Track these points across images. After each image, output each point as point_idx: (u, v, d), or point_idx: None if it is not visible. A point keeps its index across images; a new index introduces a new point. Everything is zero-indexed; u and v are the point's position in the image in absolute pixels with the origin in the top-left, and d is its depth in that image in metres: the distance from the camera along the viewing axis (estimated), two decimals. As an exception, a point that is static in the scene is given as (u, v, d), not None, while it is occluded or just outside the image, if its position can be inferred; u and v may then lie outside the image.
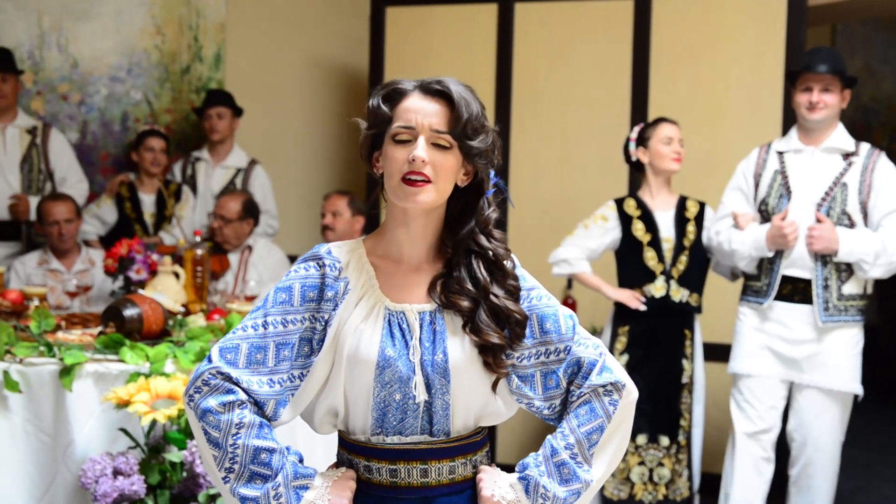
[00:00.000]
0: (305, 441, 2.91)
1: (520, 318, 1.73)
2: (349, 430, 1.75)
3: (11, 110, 4.77)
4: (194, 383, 1.68)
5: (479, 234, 1.75)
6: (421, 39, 5.10)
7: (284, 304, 1.72)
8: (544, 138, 4.94)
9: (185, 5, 5.41)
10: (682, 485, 3.97)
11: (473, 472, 1.77)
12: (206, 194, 5.15)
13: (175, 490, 2.90)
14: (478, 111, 1.71)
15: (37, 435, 2.97)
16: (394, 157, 1.69)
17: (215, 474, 1.68)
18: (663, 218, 4.00)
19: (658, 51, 4.76)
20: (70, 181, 4.88)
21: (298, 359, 1.71)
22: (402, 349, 1.70)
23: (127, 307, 3.22)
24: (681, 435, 3.97)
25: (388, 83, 1.74)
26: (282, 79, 5.65)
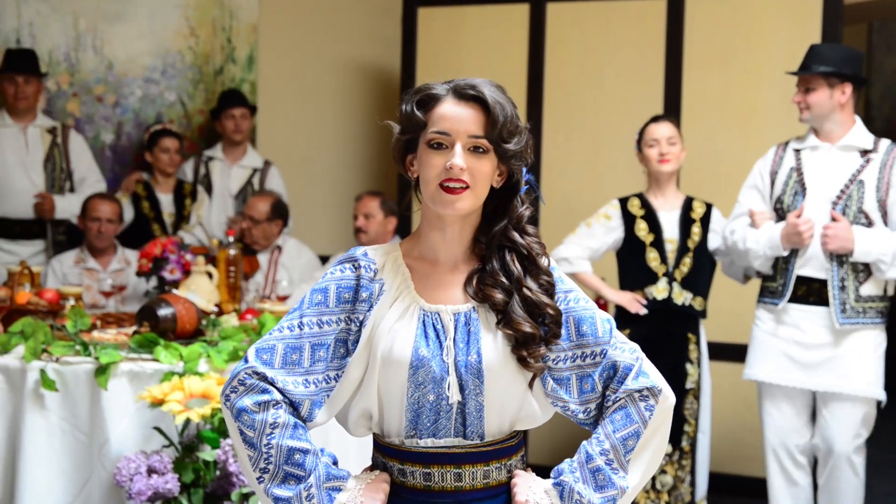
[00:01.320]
0: (338, 444, 2.91)
1: (553, 312, 1.72)
2: (384, 433, 1.75)
3: (32, 111, 4.82)
4: (230, 383, 1.70)
5: (512, 231, 1.76)
6: (452, 40, 5.10)
7: (320, 305, 1.73)
8: (576, 138, 4.92)
9: (219, 7, 5.45)
10: (684, 491, 3.90)
11: (508, 476, 1.76)
12: (224, 194, 5.18)
13: (208, 489, 2.93)
14: (512, 113, 1.71)
15: (73, 433, 3.01)
16: (431, 164, 1.69)
17: (250, 475, 1.69)
18: (667, 218, 3.93)
19: (691, 51, 4.73)
20: (89, 181, 4.92)
21: (334, 360, 1.72)
22: (436, 349, 1.70)
23: (161, 307, 3.25)
24: (684, 441, 3.89)
25: (421, 88, 1.74)
26: (314, 80, 5.68)
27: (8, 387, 3.02)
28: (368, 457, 1.84)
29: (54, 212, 4.75)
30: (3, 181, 4.73)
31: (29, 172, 4.78)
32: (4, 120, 4.77)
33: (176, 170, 5.04)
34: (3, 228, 4.74)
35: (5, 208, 4.74)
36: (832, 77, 3.62)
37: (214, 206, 5.14)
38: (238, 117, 5.14)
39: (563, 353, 1.74)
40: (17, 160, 4.75)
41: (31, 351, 3.01)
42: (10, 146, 4.75)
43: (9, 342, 3.10)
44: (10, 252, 4.69)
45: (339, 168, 5.77)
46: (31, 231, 4.79)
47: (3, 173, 4.73)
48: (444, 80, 1.75)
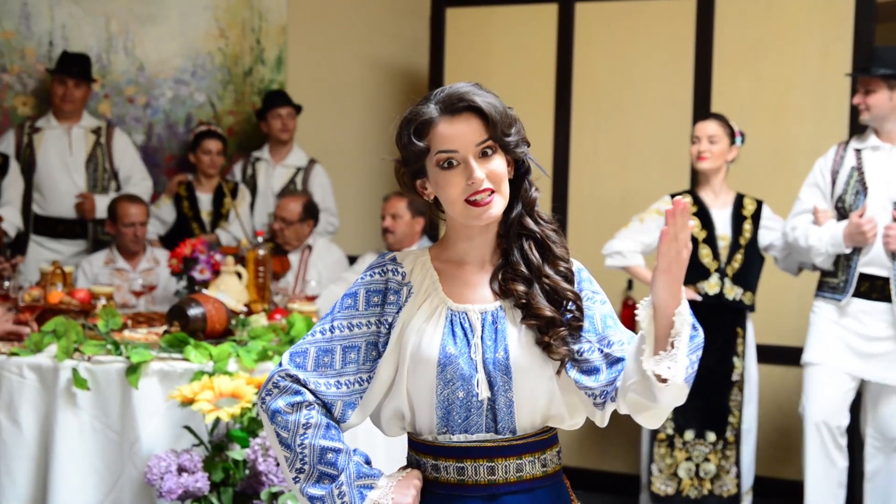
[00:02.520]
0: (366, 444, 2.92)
1: (573, 297, 1.75)
2: (417, 431, 1.78)
3: (78, 113, 4.88)
4: (265, 386, 1.75)
5: (526, 217, 1.78)
6: (481, 40, 5.09)
7: (350, 308, 1.77)
8: (605, 138, 4.90)
9: (248, 8, 5.48)
10: (728, 481, 3.97)
11: (542, 470, 1.77)
12: (267, 193, 5.20)
13: (238, 487, 2.94)
14: (501, 106, 1.74)
15: (104, 431, 3.03)
16: (450, 183, 1.72)
17: (288, 475, 1.73)
18: (720, 215, 4.01)
19: (721, 49, 4.69)
20: (134, 179, 4.97)
21: (366, 362, 1.75)
22: (464, 347, 1.72)
23: (191, 307, 3.27)
24: (728, 432, 3.97)
25: (411, 118, 1.75)
26: (342, 80, 5.69)
27: (41, 385, 3.06)
28: (396, 456, 1.86)
29: (95, 211, 4.81)
30: (47, 182, 4.80)
31: (71, 173, 4.84)
32: (50, 122, 4.84)
33: (217, 171, 5.08)
34: (47, 228, 4.81)
35: (49, 208, 4.81)
36: (892, 79, 3.70)
37: (258, 206, 5.17)
38: (285, 116, 5.17)
39: (588, 345, 1.75)
40: (60, 161, 4.82)
41: (64, 350, 3.04)
42: (54, 147, 4.81)
43: (41, 341, 3.14)
44: (54, 251, 4.77)
45: (367, 168, 5.78)
46: (74, 230, 4.86)
47: (47, 174, 4.80)
48: (423, 99, 1.76)
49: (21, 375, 3.06)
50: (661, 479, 3.99)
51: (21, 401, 3.04)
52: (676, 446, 3.99)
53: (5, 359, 3.09)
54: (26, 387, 3.05)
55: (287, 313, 3.66)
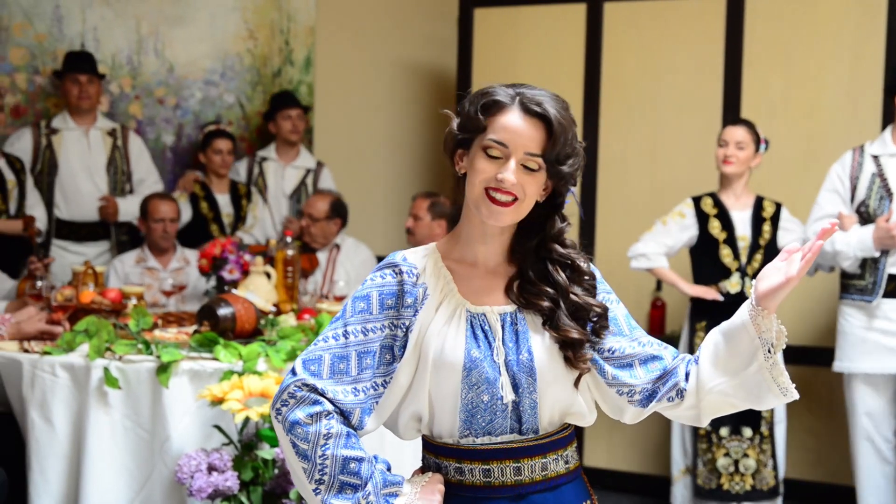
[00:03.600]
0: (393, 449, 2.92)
1: (600, 310, 1.75)
2: (434, 435, 1.76)
3: (93, 113, 4.90)
4: (280, 397, 1.69)
5: (551, 244, 1.77)
6: (509, 40, 5.09)
7: (363, 312, 1.73)
8: (633, 139, 4.88)
9: (277, 10, 5.50)
10: (767, 474, 4.07)
11: (565, 467, 1.78)
12: (278, 195, 5.22)
13: (267, 486, 2.95)
14: (572, 134, 1.71)
15: (135, 430, 3.06)
16: (482, 169, 1.70)
17: (305, 487, 1.68)
18: (740, 217, 4.12)
19: (751, 49, 4.66)
20: (148, 182, 5.00)
21: (380, 366, 1.72)
22: (487, 350, 1.71)
23: (221, 306, 3.28)
24: (763, 426, 4.07)
25: (487, 91, 1.73)
26: (370, 81, 5.71)
27: (73, 384, 3.08)
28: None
29: (118, 214, 4.84)
30: (69, 185, 4.83)
31: (93, 175, 4.88)
32: (67, 123, 4.86)
33: (228, 170, 5.09)
34: (70, 231, 4.84)
35: (72, 211, 4.84)
36: None
37: (269, 207, 5.19)
38: (295, 118, 5.19)
39: (619, 344, 1.77)
40: (81, 164, 4.85)
41: (95, 349, 3.07)
42: (74, 149, 4.84)
43: (74, 341, 3.16)
44: (77, 253, 4.79)
45: (396, 169, 5.79)
46: (96, 233, 4.89)
47: (69, 177, 4.83)
48: (508, 84, 1.74)
49: (54, 374, 3.09)
50: (704, 474, 4.10)
51: (54, 399, 3.07)
52: (714, 442, 4.09)
53: (38, 358, 3.12)
54: (59, 386, 3.08)
55: (316, 313, 3.68)
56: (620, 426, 4.74)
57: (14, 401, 3.18)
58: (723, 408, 1.75)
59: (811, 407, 4.53)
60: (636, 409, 1.77)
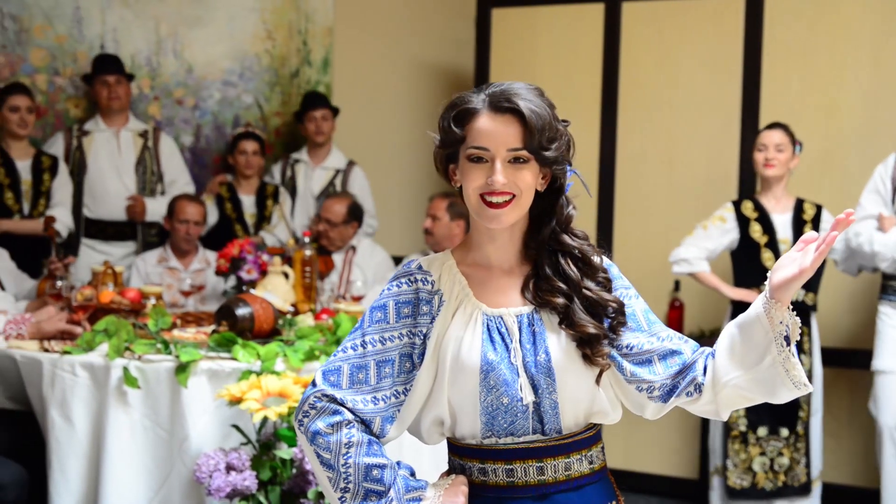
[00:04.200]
0: (412, 452, 2.93)
1: (616, 306, 1.75)
2: (459, 437, 1.77)
3: (124, 114, 4.94)
4: (302, 408, 1.72)
5: (561, 234, 1.77)
6: (527, 40, 5.08)
7: (380, 322, 1.74)
8: (651, 139, 4.86)
9: (295, 10, 5.52)
10: (799, 471, 4.13)
11: (590, 467, 1.77)
12: (306, 195, 5.23)
13: (285, 486, 2.96)
14: (549, 118, 1.70)
15: (154, 429, 3.07)
16: (472, 177, 1.71)
17: (332, 495, 1.71)
18: (780, 220, 4.15)
19: (770, 48, 4.64)
20: (179, 183, 5.03)
21: (400, 375, 1.73)
22: (504, 352, 1.72)
23: (239, 306, 3.29)
24: (798, 425, 4.12)
25: (457, 102, 1.74)
26: (388, 81, 5.71)
27: (93, 383, 3.10)
28: (442, 460, 1.85)
29: (145, 214, 4.87)
30: (98, 184, 4.87)
31: (121, 176, 4.91)
32: (98, 125, 4.91)
33: (255, 172, 5.11)
34: (98, 230, 4.88)
35: (100, 211, 4.88)
36: None
37: (297, 208, 5.21)
38: (318, 119, 5.19)
39: (637, 341, 1.76)
40: (110, 164, 4.89)
41: (115, 349, 3.09)
42: (104, 150, 4.89)
43: (93, 340, 3.18)
44: (104, 253, 4.83)
45: (413, 169, 5.80)
46: (124, 233, 4.93)
47: (98, 177, 4.87)
48: (478, 88, 1.75)
49: (74, 374, 3.11)
50: (736, 474, 4.14)
51: (73, 399, 3.09)
52: (750, 442, 4.14)
53: (58, 357, 3.14)
54: (79, 385, 3.10)
55: (333, 313, 3.68)
56: (639, 426, 4.73)
57: (34, 400, 3.20)
58: (739, 402, 1.74)
59: (846, 409, 4.51)
60: (656, 404, 1.77)
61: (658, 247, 4.68)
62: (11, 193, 4.56)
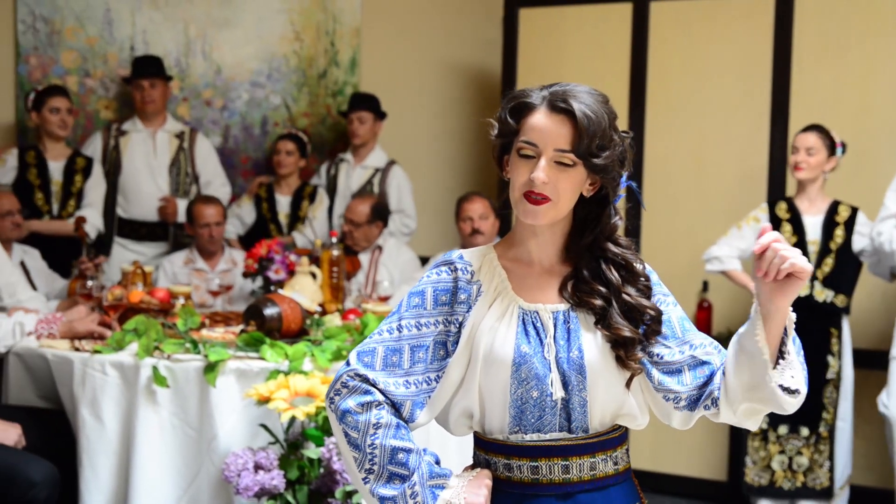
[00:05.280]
0: (439, 444, 2.93)
1: (654, 313, 1.75)
2: (486, 431, 1.77)
3: (161, 115, 4.98)
4: (334, 386, 1.73)
5: (604, 242, 1.78)
6: (554, 40, 5.07)
7: (418, 307, 1.76)
8: (679, 139, 4.84)
9: (323, 11, 5.54)
10: (821, 475, 4.11)
11: (614, 468, 1.77)
12: (346, 193, 5.25)
13: (313, 486, 2.97)
14: (604, 126, 1.70)
15: (183, 428, 3.09)
16: (518, 171, 1.72)
17: (356, 476, 1.72)
18: (812, 222, 4.16)
19: (800, 46, 4.59)
20: (214, 185, 5.06)
21: (434, 361, 1.74)
22: (538, 347, 1.72)
23: (267, 306, 3.31)
24: (822, 427, 4.11)
25: (517, 94, 1.75)
26: (415, 81, 5.72)
27: (122, 382, 3.13)
28: (469, 455, 1.85)
29: (177, 215, 4.91)
30: (131, 185, 4.91)
31: (155, 176, 4.95)
32: (136, 125, 4.95)
33: (291, 172, 5.13)
34: (131, 230, 4.93)
35: (133, 211, 4.92)
36: None
37: (336, 206, 5.22)
38: (355, 121, 5.19)
39: (668, 350, 1.76)
40: (145, 164, 4.93)
41: (144, 348, 3.11)
42: (139, 150, 4.93)
43: (123, 339, 3.21)
44: (136, 252, 4.88)
45: (440, 170, 5.80)
46: (156, 233, 4.97)
47: (132, 177, 4.91)
48: (546, 85, 1.75)
49: (104, 373, 3.13)
50: (754, 471, 4.16)
51: (104, 397, 3.12)
52: (770, 440, 4.15)
53: (89, 356, 3.17)
54: (108, 384, 3.13)
55: (361, 313, 3.69)
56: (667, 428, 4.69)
57: (65, 398, 3.23)
58: (756, 415, 1.74)
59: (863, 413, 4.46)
60: (682, 414, 1.77)
61: (686, 248, 4.65)
62: (42, 194, 4.60)
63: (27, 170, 4.61)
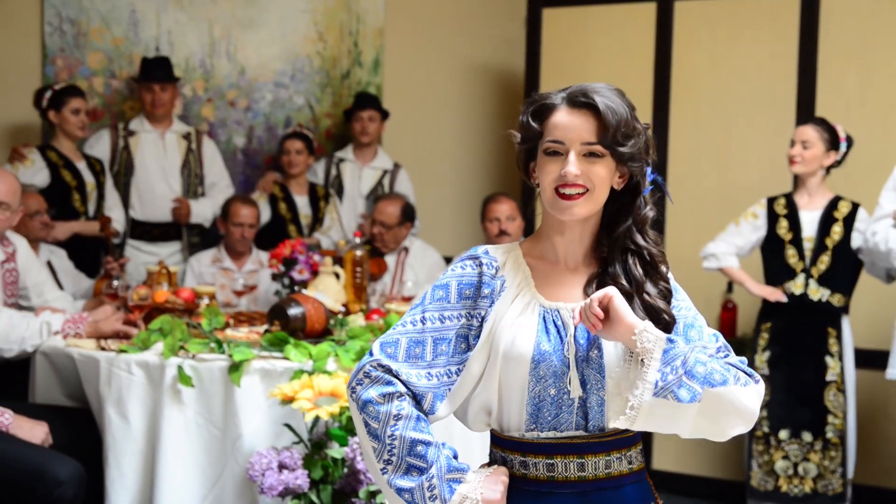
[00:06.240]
0: (462, 440, 2.93)
1: (668, 319, 1.75)
2: (502, 428, 1.78)
3: (168, 117, 4.99)
4: (356, 376, 1.75)
5: (635, 233, 1.79)
6: (577, 40, 5.06)
7: (441, 300, 1.77)
8: (704, 138, 4.81)
9: (346, 11, 5.55)
10: (834, 481, 4.03)
11: (629, 467, 1.78)
12: (354, 195, 5.25)
13: (337, 485, 2.98)
14: (626, 116, 1.72)
15: (207, 428, 3.11)
16: (547, 170, 1.74)
17: (374, 466, 1.73)
18: (808, 217, 4.09)
19: (826, 45, 4.56)
20: (219, 186, 5.06)
21: (455, 354, 1.76)
22: (558, 344, 1.73)
23: (291, 306, 3.32)
24: (830, 432, 4.02)
25: (536, 98, 1.78)
26: (438, 82, 5.72)
27: (148, 382, 3.15)
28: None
29: (190, 216, 4.92)
30: (144, 186, 4.93)
31: (167, 177, 4.96)
32: (143, 125, 4.96)
33: (300, 171, 5.12)
34: (144, 231, 4.94)
35: (146, 212, 4.94)
36: None
37: (345, 208, 5.23)
38: (365, 119, 5.21)
39: None
40: (156, 165, 4.94)
41: (170, 347, 3.13)
42: (150, 151, 4.94)
43: (149, 339, 3.23)
44: (150, 253, 4.89)
45: (464, 170, 5.80)
46: (169, 234, 4.98)
47: (145, 178, 4.92)
48: (564, 87, 1.78)
49: (129, 372, 3.16)
50: (759, 475, 4.10)
51: (129, 396, 3.14)
52: (772, 444, 4.08)
53: (114, 356, 3.20)
54: (134, 383, 3.15)
55: (384, 314, 3.70)
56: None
57: (92, 397, 3.26)
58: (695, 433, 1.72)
59: (883, 411, 4.42)
60: None
61: (711, 247, 4.62)
62: (78, 195, 4.63)
63: (59, 171, 4.61)
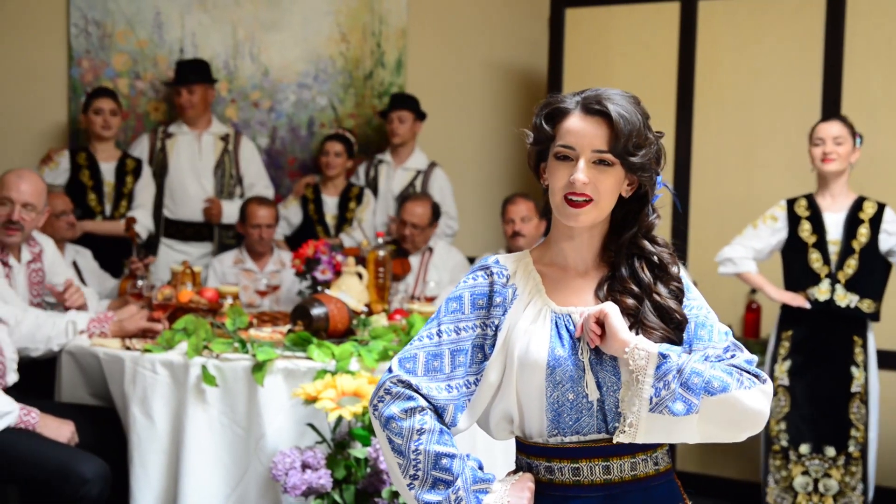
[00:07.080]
0: (485, 450, 2.93)
1: (680, 319, 1.75)
2: (526, 435, 1.79)
3: (206, 118, 5.03)
4: (377, 393, 1.76)
5: (641, 240, 1.80)
6: (601, 40, 5.04)
7: (455, 312, 1.79)
8: (728, 138, 4.79)
9: (369, 12, 5.56)
10: (854, 498, 3.83)
11: (655, 468, 1.77)
12: (387, 195, 5.26)
13: (359, 485, 2.99)
14: (639, 125, 1.73)
15: (231, 427, 3.12)
16: (557, 175, 1.75)
17: (401, 482, 1.73)
18: (833, 219, 3.89)
19: (852, 45, 4.52)
20: (258, 187, 5.10)
21: (473, 365, 1.77)
22: (571, 349, 1.73)
23: (314, 306, 3.33)
24: (852, 446, 3.83)
25: (551, 101, 1.79)
26: (461, 82, 5.72)
27: (172, 381, 3.17)
28: (513, 460, 1.86)
29: (221, 216, 4.95)
30: (178, 186, 4.97)
31: (200, 178, 5.00)
32: (181, 127, 5.01)
33: (338, 173, 5.14)
34: (176, 231, 4.99)
35: (179, 212, 4.98)
36: None
37: (378, 208, 5.24)
38: (395, 120, 5.20)
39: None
40: (190, 166, 4.98)
41: (194, 347, 3.15)
42: (185, 152, 4.98)
43: (173, 339, 3.25)
44: (182, 252, 4.93)
45: (487, 170, 5.80)
46: (201, 234, 5.02)
47: (178, 178, 4.97)
48: (579, 91, 1.78)
49: (154, 371, 3.18)
50: (776, 491, 3.92)
51: (154, 396, 3.16)
52: (791, 459, 3.90)
53: (139, 355, 3.22)
54: (159, 382, 3.17)
55: (407, 314, 3.70)
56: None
57: (116, 397, 3.28)
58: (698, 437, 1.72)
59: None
60: None
61: (735, 248, 4.59)
62: (94, 195, 4.68)
63: (80, 171, 4.68)
